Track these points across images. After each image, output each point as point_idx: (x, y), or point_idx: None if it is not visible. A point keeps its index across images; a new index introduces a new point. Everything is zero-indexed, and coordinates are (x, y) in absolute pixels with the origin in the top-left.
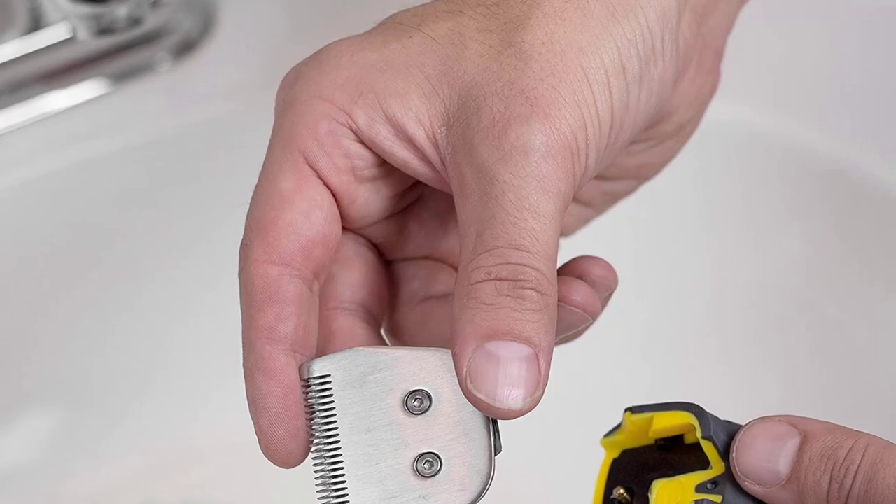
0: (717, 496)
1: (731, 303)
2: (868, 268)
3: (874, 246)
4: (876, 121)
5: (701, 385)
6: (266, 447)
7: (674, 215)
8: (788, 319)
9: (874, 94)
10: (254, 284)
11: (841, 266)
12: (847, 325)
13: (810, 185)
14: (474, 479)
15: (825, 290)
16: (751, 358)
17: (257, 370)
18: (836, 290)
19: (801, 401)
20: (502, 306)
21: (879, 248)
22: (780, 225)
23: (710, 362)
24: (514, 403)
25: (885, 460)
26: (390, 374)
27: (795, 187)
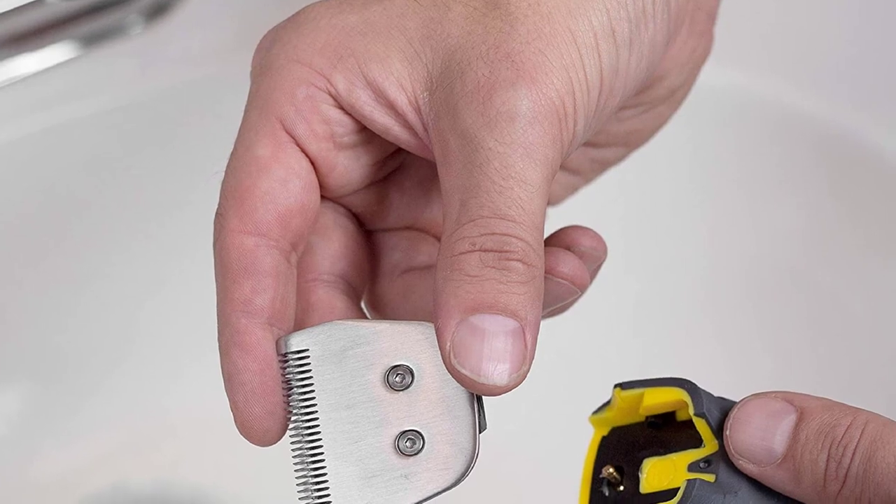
0: (711, 475)
1: (724, 274)
2: (866, 237)
3: (872, 214)
4: (874, 85)
5: (693, 360)
6: (242, 424)
7: (665, 184)
8: (784, 291)
9: (872, 56)
10: (229, 255)
11: (838, 236)
12: (844, 297)
13: (806, 152)
14: (458, 457)
15: (821, 260)
16: (745, 331)
17: (233, 344)
18: (833, 260)
19: (797, 376)
20: (487, 278)
21: (877, 217)
22: (774, 193)
23: (703, 336)
24: (499, 379)
25: (884, 438)
26: (371, 349)
27: (791, 154)
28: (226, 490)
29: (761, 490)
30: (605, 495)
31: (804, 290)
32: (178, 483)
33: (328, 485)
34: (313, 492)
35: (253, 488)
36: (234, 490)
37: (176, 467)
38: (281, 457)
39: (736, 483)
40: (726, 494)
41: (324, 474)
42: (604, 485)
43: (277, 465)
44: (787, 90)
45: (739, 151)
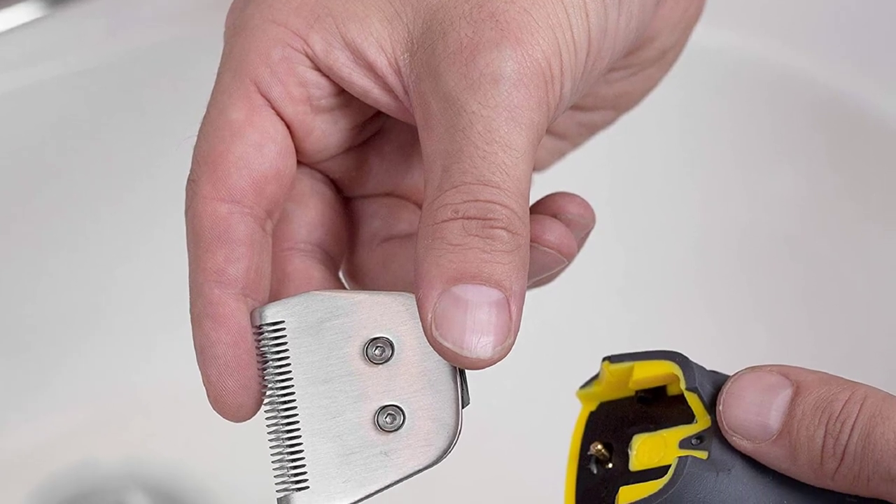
0: (703, 452)
1: (717, 243)
2: (865, 205)
3: (872, 181)
4: (875, 45)
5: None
6: (215, 399)
7: (655, 149)
8: (779, 261)
9: (872, 15)
10: (201, 223)
11: (836, 204)
12: (843, 267)
13: (803, 116)
14: (440, 433)
15: (819, 229)
16: (739, 303)
17: (205, 316)
18: (831, 229)
19: (792, 349)
20: (470, 247)
21: (878, 184)
22: (770, 159)
23: (695, 307)
24: (483, 352)
25: (884, 413)
26: (349, 321)
27: (787, 118)
28: (199, 468)
29: (756, 468)
30: (594, 473)
31: (801, 260)
32: (148, 461)
33: (304, 462)
34: (289, 469)
35: (226, 466)
36: (208, 468)
37: (146, 445)
38: (255, 433)
39: (729, 460)
40: (719, 472)
41: (300, 451)
42: (592, 462)
43: (252, 442)
44: (783, 51)
45: (733, 116)
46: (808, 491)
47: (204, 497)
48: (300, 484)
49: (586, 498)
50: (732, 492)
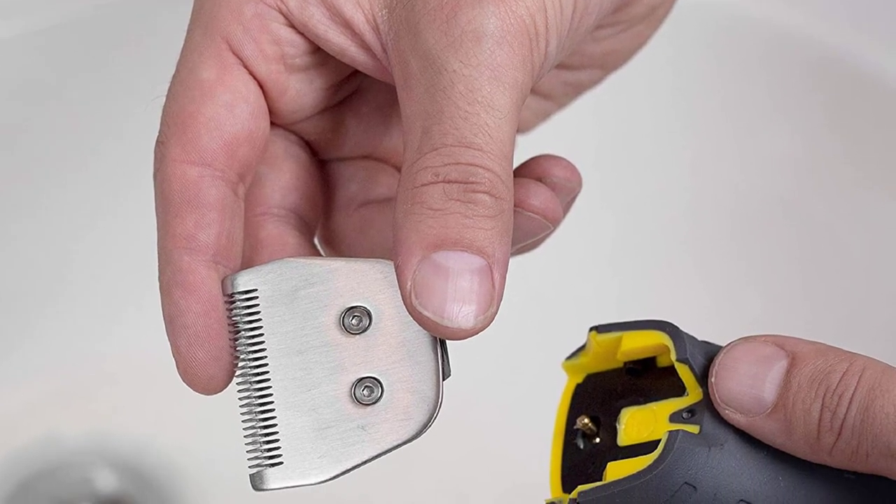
0: (694, 426)
1: (709, 208)
2: (864, 167)
3: (872, 142)
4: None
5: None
6: (184, 371)
7: (645, 110)
8: (774, 226)
9: None
10: (171, 187)
11: (834, 166)
12: (841, 232)
13: (799, 75)
14: (420, 407)
15: (816, 192)
16: (732, 270)
17: (174, 284)
18: (829, 192)
19: (788, 318)
20: (451, 212)
21: (878, 145)
22: (765, 120)
23: (686, 275)
24: (464, 321)
25: (883, 386)
26: (325, 289)
27: (782, 77)
28: (167, 442)
29: (749, 442)
30: (580, 448)
31: (796, 224)
32: (115, 434)
33: (278, 437)
34: (262, 444)
35: (197, 440)
36: (177, 442)
37: (113, 418)
38: (227, 406)
39: (722, 435)
40: (711, 447)
41: (273, 425)
42: (578, 437)
43: (223, 416)
44: (778, 6)
45: (726, 74)
46: (804, 467)
47: (173, 473)
48: (273, 459)
49: (572, 474)
50: (725, 467)
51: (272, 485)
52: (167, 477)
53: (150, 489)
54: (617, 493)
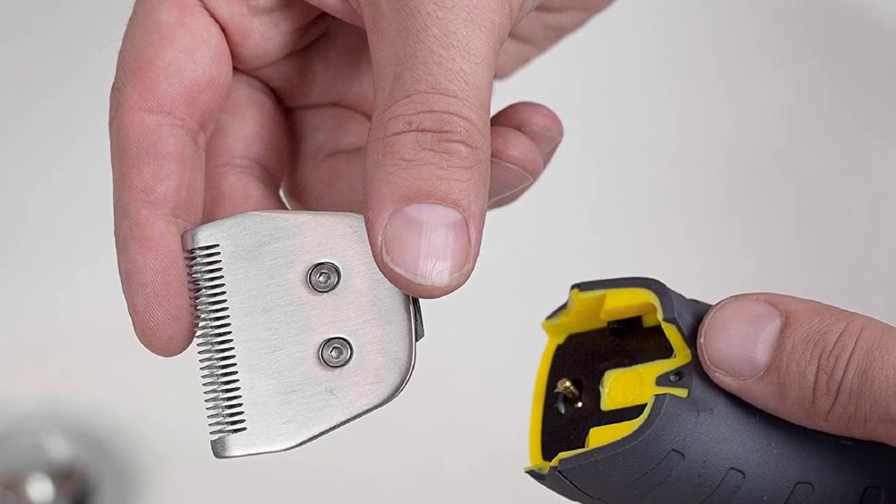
0: (682, 390)
1: (697, 160)
2: (863, 116)
3: (870, 91)
4: None
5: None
6: (142, 331)
7: (630, 55)
8: (767, 179)
9: None
10: (127, 136)
11: (829, 117)
12: (838, 186)
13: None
14: (391, 369)
15: (811, 145)
16: (722, 225)
17: (131, 239)
18: (825, 143)
19: (781, 276)
20: (425, 162)
21: (876, 95)
22: (756, 67)
23: (674, 230)
24: (438, 279)
25: (882, 347)
26: (291, 244)
27: (775, 20)
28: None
29: (740, 407)
30: (561, 413)
31: (790, 178)
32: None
33: (241, 401)
34: (224, 409)
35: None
36: (134, 407)
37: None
38: (187, 369)
39: (711, 399)
40: (700, 412)
41: (236, 389)
42: (559, 401)
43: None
44: None
45: (716, 19)
46: (799, 433)
47: (129, 439)
48: (236, 425)
49: (553, 440)
50: (715, 433)
51: (235, 452)
52: (123, 444)
53: (105, 457)
54: (600, 461)
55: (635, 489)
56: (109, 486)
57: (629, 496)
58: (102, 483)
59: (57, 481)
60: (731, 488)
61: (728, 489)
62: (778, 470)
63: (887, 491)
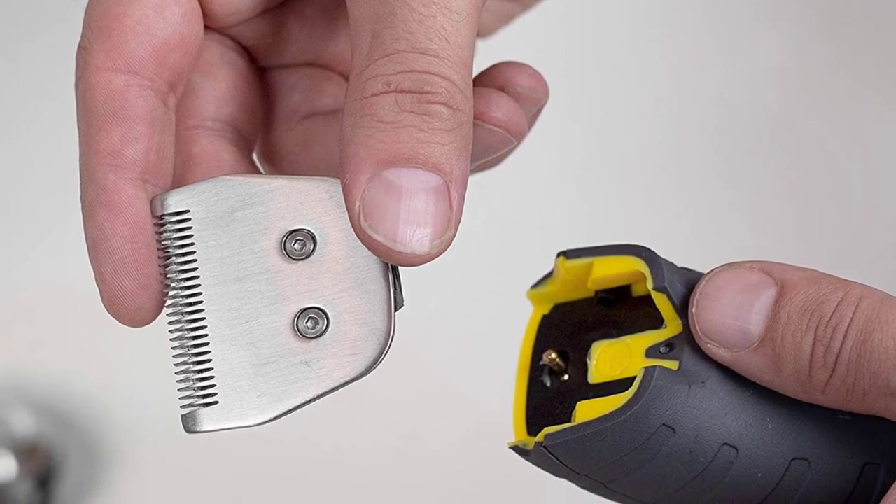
0: (673, 362)
1: (689, 123)
2: (862, 79)
3: (869, 51)
4: None
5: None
6: (109, 301)
7: (619, 13)
8: (761, 144)
9: None
10: (94, 97)
11: (827, 78)
12: (835, 150)
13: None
14: (369, 340)
15: (807, 107)
16: (714, 190)
17: (98, 204)
18: (822, 107)
19: (777, 244)
20: (405, 125)
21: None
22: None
23: (664, 196)
24: (419, 246)
25: (882, 317)
26: (265, 210)
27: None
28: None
29: (733, 380)
30: (547, 386)
31: (786, 142)
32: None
33: (213, 374)
34: (195, 382)
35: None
36: (101, 380)
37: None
38: (156, 340)
39: (703, 371)
40: (692, 385)
41: (208, 361)
42: (545, 373)
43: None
44: None
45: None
46: (795, 407)
47: (96, 414)
48: (208, 399)
49: (538, 414)
50: (707, 408)
51: (206, 427)
52: (90, 418)
53: (71, 432)
54: (587, 436)
55: (624, 465)
56: (75, 463)
57: (618, 473)
58: (68, 459)
59: (20, 458)
60: (724, 464)
61: (721, 465)
62: (773, 445)
63: (887, 467)
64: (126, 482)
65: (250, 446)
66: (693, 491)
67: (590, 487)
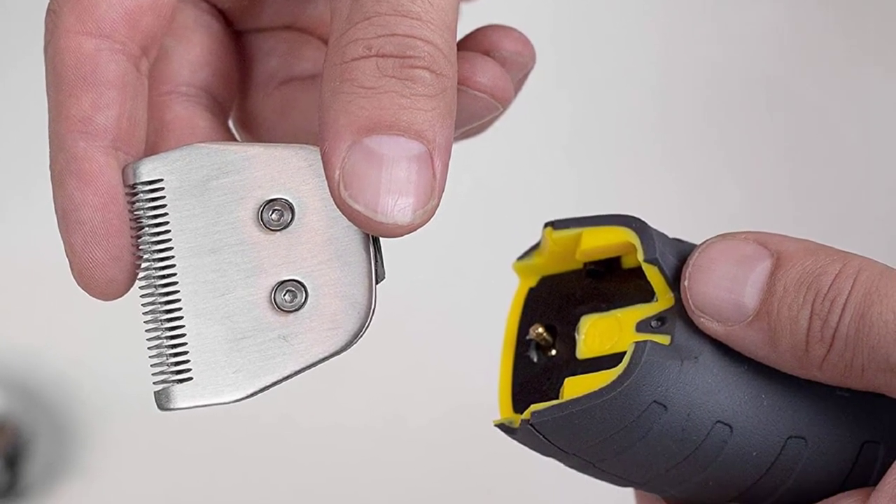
0: (665, 336)
1: (681, 88)
2: (859, 42)
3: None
4: None
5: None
6: (80, 272)
7: None
8: (756, 109)
9: None
10: (64, 62)
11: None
12: (832, 117)
13: None
14: (349, 314)
15: (804, 71)
16: (707, 158)
17: (68, 173)
18: (819, 70)
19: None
20: (386, 90)
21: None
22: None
23: (655, 164)
24: (401, 216)
25: (881, 290)
26: (240, 179)
27: None
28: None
29: (727, 355)
30: (533, 361)
31: (781, 107)
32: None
33: (187, 349)
34: (169, 358)
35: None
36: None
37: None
38: (129, 314)
39: (696, 346)
40: (684, 360)
41: (182, 336)
42: (531, 348)
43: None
44: None
45: None
46: (791, 383)
47: (66, 391)
48: (182, 375)
49: (525, 391)
50: (700, 384)
51: (180, 404)
52: (60, 396)
53: (39, 409)
54: (576, 413)
55: (614, 444)
56: (44, 441)
57: (607, 451)
58: (36, 437)
59: None
60: (718, 443)
61: (714, 444)
62: (768, 423)
63: (887, 446)
64: (97, 462)
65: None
66: (685, 470)
67: (578, 467)
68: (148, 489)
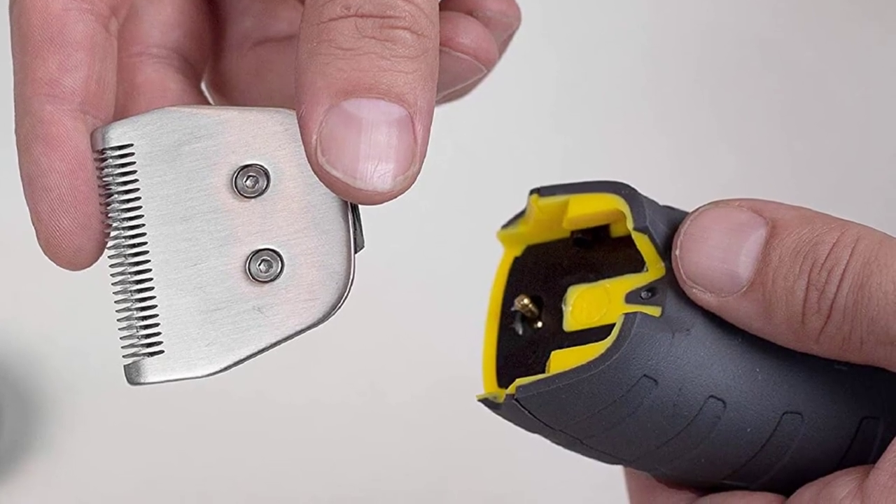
0: (655, 308)
1: (672, 49)
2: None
3: None
4: None
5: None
6: (46, 241)
7: None
8: (750, 72)
9: None
10: (30, 22)
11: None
12: (830, 79)
13: None
14: (327, 284)
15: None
16: (700, 123)
17: (34, 138)
18: (815, 31)
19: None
20: (365, 52)
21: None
22: None
23: (645, 128)
24: (381, 182)
25: (880, 259)
26: (214, 144)
27: None
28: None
29: (721, 327)
30: (518, 334)
31: (777, 69)
32: None
33: (158, 321)
34: (139, 330)
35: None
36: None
37: None
38: (97, 284)
39: (688, 318)
40: (675, 333)
41: (153, 307)
42: (516, 320)
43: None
44: None
45: None
46: (786, 357)
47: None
48: (152, 348)
49: (510, 364)
50: (692, 357)
51: (151, 378)
52: (26, 369)
53: (5, 383)
54: (562, 388)
55: (602, 420)
56: (10, 417)
57: (595, 428)
58: (2, 413)
59: None
60: (711, 419)
61: (707, 420)
62: (763, 398)
63: (886, 422)
64: (65, 438)
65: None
66: (677, 447)
67: (565, 444)
68: (117, 466)
